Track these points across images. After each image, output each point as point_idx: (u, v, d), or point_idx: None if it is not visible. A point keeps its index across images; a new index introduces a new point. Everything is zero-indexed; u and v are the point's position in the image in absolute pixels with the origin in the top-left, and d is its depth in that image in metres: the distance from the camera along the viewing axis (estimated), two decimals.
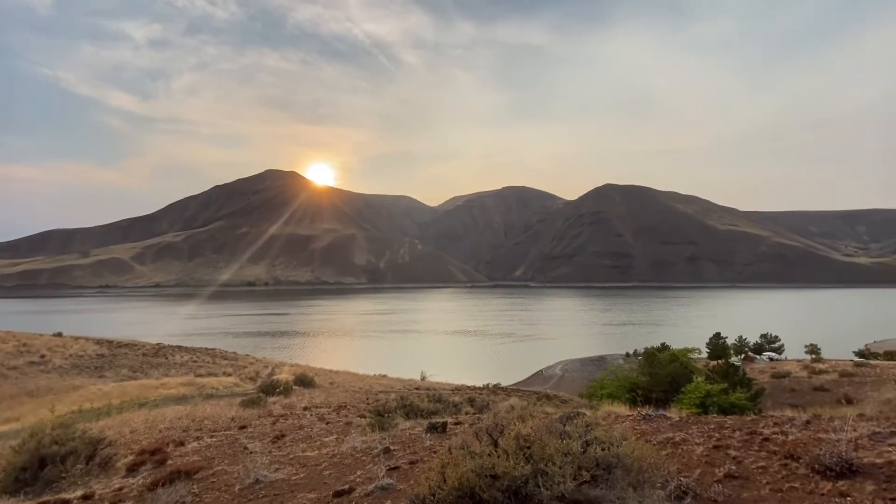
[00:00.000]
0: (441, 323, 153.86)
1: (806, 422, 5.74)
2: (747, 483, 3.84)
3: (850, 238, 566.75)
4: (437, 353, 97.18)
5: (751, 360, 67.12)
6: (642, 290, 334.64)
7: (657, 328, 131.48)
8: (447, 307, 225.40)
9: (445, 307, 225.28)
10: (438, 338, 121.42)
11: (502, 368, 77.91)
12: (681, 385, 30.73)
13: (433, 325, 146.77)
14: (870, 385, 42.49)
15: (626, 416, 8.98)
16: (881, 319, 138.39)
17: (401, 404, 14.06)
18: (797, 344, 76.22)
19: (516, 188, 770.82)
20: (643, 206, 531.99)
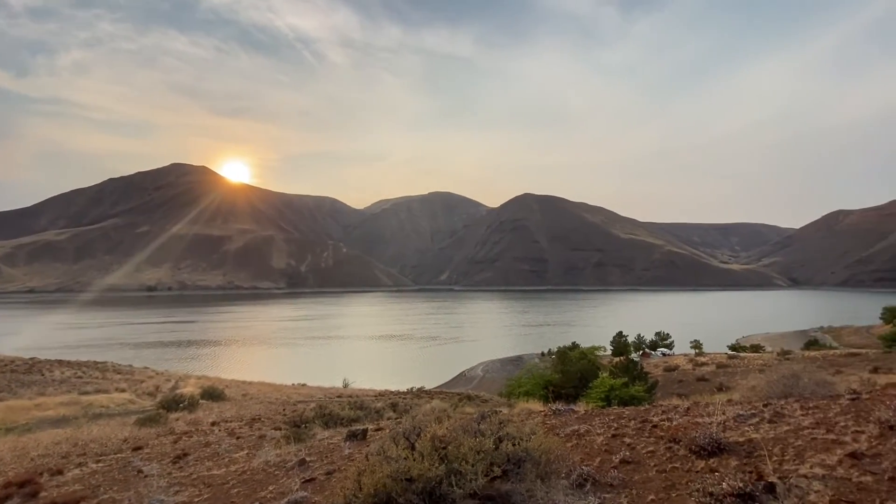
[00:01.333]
0: (366, 328, 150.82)
1: (687, 409, 6.53)
2: (638, 467, 4.27)
3: (725, 247, 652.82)
4: (361, 359, 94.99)
5: (647, 356, 74.21)
6: (556, 293, 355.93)
7: (569, 328, 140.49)
8: (372, 312, 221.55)
9: (370, 312, 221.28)
10: (363, 343, 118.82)
11: (427, 371, 78.19)
12: (589, 381, 33.09)
13: (357, 331, 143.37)
14: (740, 374, 49.05)
15: (539, 412, 9.50)
16: (749, 317, 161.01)
17: (319, 413, 13.54)
18: (684, 340, 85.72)
19: (443, 194, 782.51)
20: (557, 215, 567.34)
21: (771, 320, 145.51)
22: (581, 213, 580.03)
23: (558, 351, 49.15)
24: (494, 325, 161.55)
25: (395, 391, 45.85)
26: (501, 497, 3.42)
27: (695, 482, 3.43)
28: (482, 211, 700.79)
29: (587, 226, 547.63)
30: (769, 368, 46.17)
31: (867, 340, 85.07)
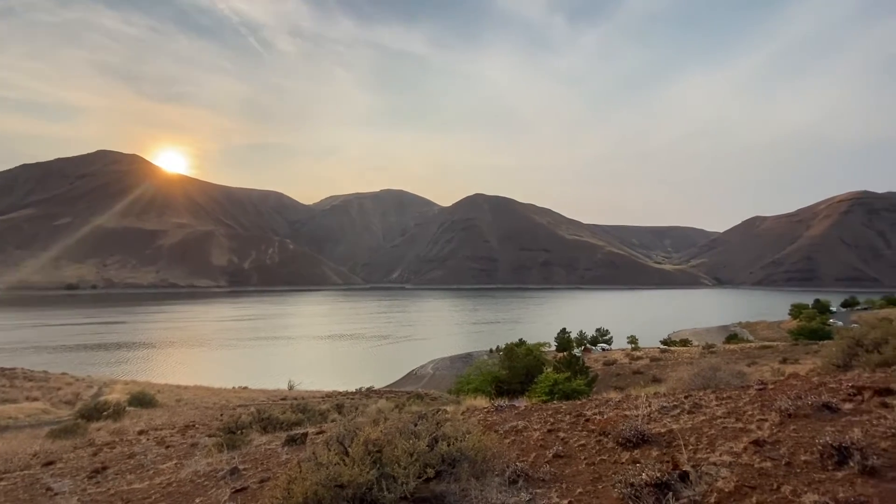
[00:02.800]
0: (314, 327, 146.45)
1: (618, 402, 6.89)
2: (570, 460, 4.43)
3: (659, 249, 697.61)
4: (309, 359, 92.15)
5: (589, 351, 77.81)
6: (505, 292, 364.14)
7: (517, 325, 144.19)
8: (321, 311, 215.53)
9: (319, 311, 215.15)
10: (311, 343, 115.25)
11: (377, 371, 77.30)
12: (535, 376, 34.14)
13: (305, 330, 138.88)
14: (670, 367, 52.71)
15: (483, 409, 9.63)
16: (679, 314, 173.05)
17: (257, 418, 12.94)
18: (622, 336, 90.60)
19: (395, 192, 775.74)
20: (507, 215, 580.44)
21: (698, 317, 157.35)
22: (530, 215, 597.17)
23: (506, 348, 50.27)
24: (445, 324, 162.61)
25: (344, 392, 44.92)
26: (435, 498, 3.40)
27: (619, 473, 3.59)
28: (434, 210, 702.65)
29: (535, 227, 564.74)
30: (695, 361, 49.79)
31: (778, 334, 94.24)
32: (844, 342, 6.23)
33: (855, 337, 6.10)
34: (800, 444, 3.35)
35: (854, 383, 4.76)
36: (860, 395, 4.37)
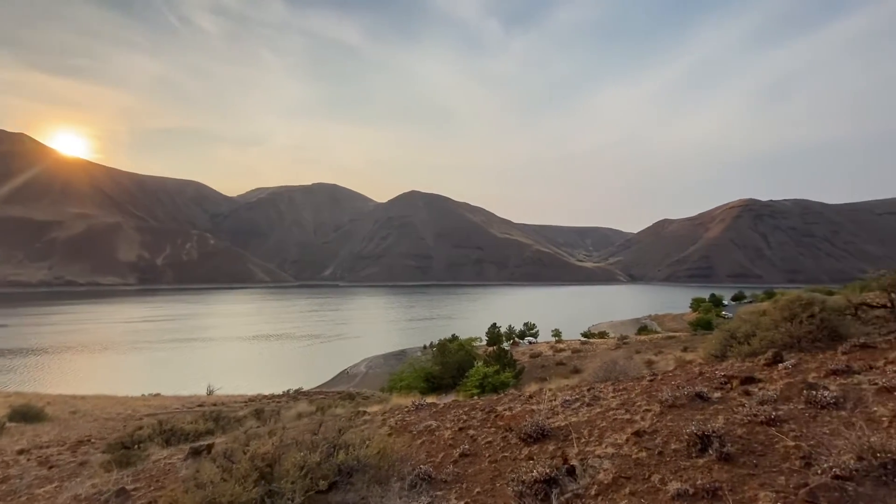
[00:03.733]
0: (238, 328, 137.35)
1: (529, 396, 7.17)
2: (475, 459, 4.50)
3: (582, 248, 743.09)
4: (232, 362, 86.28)
5: (517, 345, 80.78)
6: (439, 289, 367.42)
7: (451, 321, 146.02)
8: (246, 310, 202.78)
9: (244, 310, 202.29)
10: (234, 345, 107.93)
11: (308, 371, 74.49)
12: (466, 370, 34.73)
13: (228, 331, 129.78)
14: (589, 357, 56.22)
15: (404, 408, 9.56)
16: (598, 308, 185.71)
17: (159, 430, 11.82)
18: (547, 329, 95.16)
19: (328, 186, 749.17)
20: (442, 213, 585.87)
21: (614, 310, 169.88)
22: (464, 213, 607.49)
23: (439, 344, 50.62)
24: (380, 321, 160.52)
25: (270, 395, 42.67)
26: None
27: (517, 470, 3.69)
28: (370, 206, 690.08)
29: (469, 225, 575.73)
30: (609, 352, 53.42)
31: (681, 325, 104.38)
32: (721, 335, 6.97)
33: (730, 330, 6.86)
34: (672, 434, 3.66)
35: (726, 373, 5.34)
36: (729, 383, 4.90)
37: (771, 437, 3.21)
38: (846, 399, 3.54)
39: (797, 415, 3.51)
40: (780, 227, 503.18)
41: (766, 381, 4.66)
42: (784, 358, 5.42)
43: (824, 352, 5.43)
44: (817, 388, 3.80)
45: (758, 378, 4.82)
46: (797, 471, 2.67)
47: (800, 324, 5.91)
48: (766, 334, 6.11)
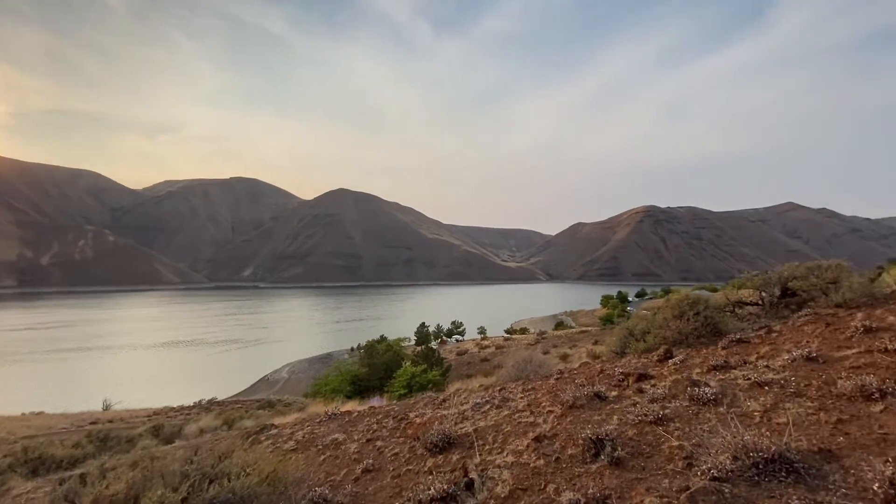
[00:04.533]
0: (143, 334, 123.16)
1: (442, 400, 6.98)
2: (378, 474, 4.16)
3: (506, 248, 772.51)
4: (136, 373, 77.10)
5: (444, 343, 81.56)
6: (369, 289, 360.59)
7: (380, 322, 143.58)
8: (151, 314, 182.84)
9: (150, 314, 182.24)
10: (138, 354, 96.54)
11: (224, 379, 69.00)
12: (394, 371, 34.15)
13: (130, 338, 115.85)
14: (511, 353, 58.36)
15: (316, 419, 8.92)
16: (520, 305, 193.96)
17: (24, 458, 9.97)
18: (474, 327, 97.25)
19: (248, 180, 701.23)
20: (372, 212, 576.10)
21: (535, 307, 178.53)
22: (394, 213, 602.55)
23: (366, 345, 49.55)
24: (305, 324, 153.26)
25: (179, 407, 38.78)
26: None
27: (419, 485, 3.41)
28: (294, 203, 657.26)
29: (399, 225, 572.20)
30: (530, 347, 55.73)
31: (593, 320, 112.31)
32: (621, 332, 7.33)
33: (628, 327, 7.22)
34: (570, 438, 3.62)
35: (624, 370, 5.54)
36: (626, 380, 5.07)
37: (658, 437, 3.26)
38: (724, 395, 3.74)
39: (682, 412, 3.63)
40: (675, 231, 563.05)
41: (657, 378, 4.87)
42: (674, 354, 5.75)
43: (707, 347, 5.85)
44: (699, 385, 4.00)
45: (651, 375, 5.04)
46: (680, 472, 2.70)
47: (687, 321, 6.36)
48: (658, 331, 6.49)
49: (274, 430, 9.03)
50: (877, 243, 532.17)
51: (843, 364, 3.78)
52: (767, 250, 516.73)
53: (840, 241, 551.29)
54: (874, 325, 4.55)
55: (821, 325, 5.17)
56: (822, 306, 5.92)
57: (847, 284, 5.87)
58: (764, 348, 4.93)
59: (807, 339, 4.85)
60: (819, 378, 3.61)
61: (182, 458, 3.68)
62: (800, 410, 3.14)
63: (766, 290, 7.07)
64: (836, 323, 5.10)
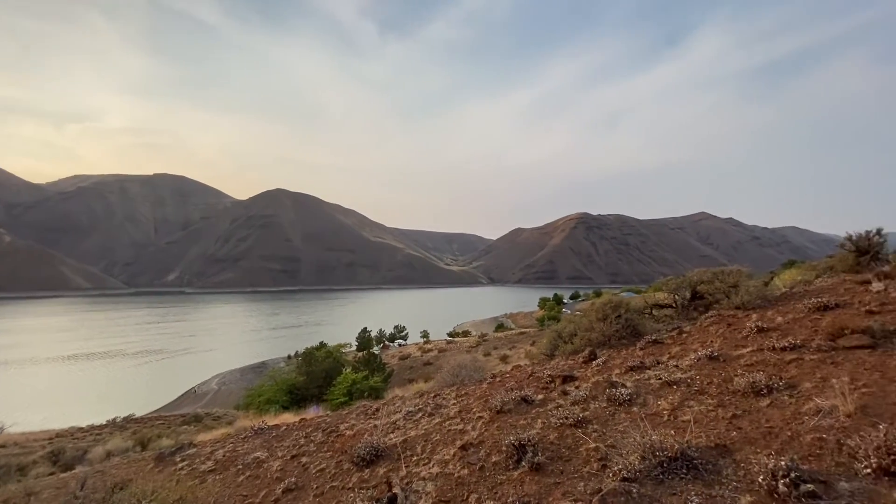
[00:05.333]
0: (47, 346, 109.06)
1: (375, 409, 6.78)
2: (301, 494, 3.91)
3: (449, 252, 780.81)
4: (37, 390, 68.09)
5: (387, 348, 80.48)
6: (309, 293, 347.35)
7: (320, 328, 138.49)
8: (59, 324, 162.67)
9: (56, 324, 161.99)
10: (41, 369, 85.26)
11: (145, 393, 63.12)
12: (334, 378, 33.01)
13: (31, 351, 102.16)
14: (452, 356, 58.91)
15: (241, 434, 8.33)
16: (463, 308, 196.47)
17: None
18: (417, 330, 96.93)
19: (174, 177, 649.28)
20: (312, 214, 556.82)
21: (477, 310, 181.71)
22: (336, 215, 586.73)
23: (304, 352, 47.71)
24: (237, 331, 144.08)
25: (88, 427, 34.75)
26: None
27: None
28: (226, 203, 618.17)
29: (341, 227, 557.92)
30: (471, 350, 56.12)
31: (531, 322, 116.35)
32: (551, 335, 7.57)
33: (557, 330, 7.48)
34: (495, 445, 3.63)
35: (552, 372, 5.71)
36: (553, 383, 5.22)
37: (577, 439, 3.36)
38: (638, 395, 3.95)
39: (600, 413, 3.78)
40: (605, 237, 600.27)
41: (581, 380, 5.06)
42: (598, 355, 6.03)
43: (627, 348, 6.20)
44: (616, 386, 4.20)
45: (576, 376, 5.22)
46: (595, 474, 2.78)
47: (610, 324, 6.71)
48: (585, 334, 6.79)
49: (192, 449, 8.32)
50: (773, 250, 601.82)
51: (740, 362, 4.14)
52: (684, 255, 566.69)
53: (743, 247, 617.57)
54: (765, 325, 5.06)
55: (723, 326, 5.66)
56: (725, 308, 6.50)
57: (745, 288, 6.52)
58: (675, 348, 5.29)
59: (711, 339, 5.28)
60: (719, 376, 3.92)
61: (67, 491, 3.21)
62: (701, 408, 3.37)
63: (678, 293, 7.67)
64: (736, 323, 5.61)
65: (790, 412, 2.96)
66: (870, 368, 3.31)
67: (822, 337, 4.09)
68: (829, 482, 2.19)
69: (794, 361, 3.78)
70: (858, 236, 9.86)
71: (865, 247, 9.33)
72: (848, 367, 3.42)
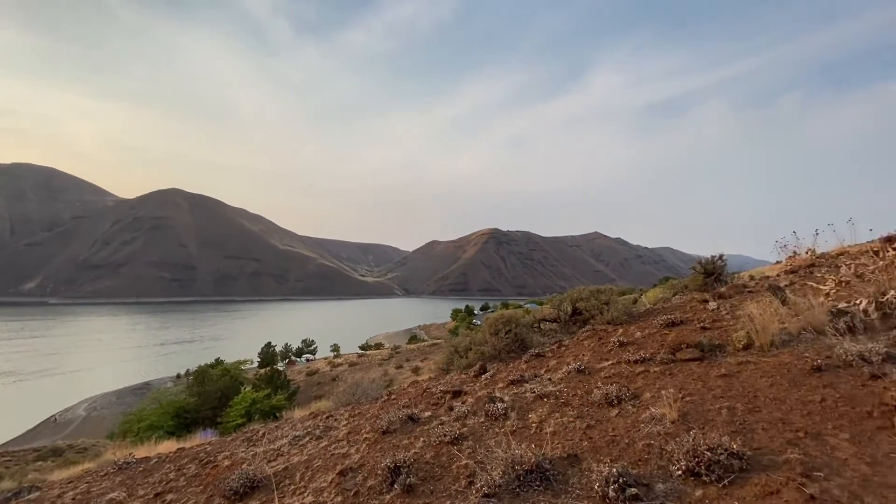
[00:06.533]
0: None
1: (262, 434, 6.32)
2: None
3: (364, 263, 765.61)
4: None
5: (293, 363, 75.92)
6: (205, 305, 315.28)
7: (217, 343, 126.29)
8: None
9: None
10: None
11: None
12: (231, 398, 30.13)
13: None
14: (365, 369, 57.32)
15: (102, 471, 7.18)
16: (377, 320, 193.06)
17: None
18: (327, 344, 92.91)
19: (39, 168, 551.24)
20: (212, 218, 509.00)
21: (391, 322, 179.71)
22: (240, 220, 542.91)
23: (197, 370, 43.21)
24: (115, 348, 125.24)
25: None
26: None
27: None
28: (108, 201, 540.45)
29: (245, 234, 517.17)
30: (385, 362, 55.30)
31: (443, 333, 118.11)
32: (447, 349, 7.75)
33: (454, 345, 7.69)
34: (374, 469, 3.58)
35: (445, 388, 5.83)
36: (443, 398, 5.32)
37: (452, 457, 3.45)
38: (513, 409, 4.19)
39: (477, 429, 3.93)
40: (513, 252, 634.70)
41: (469, 395, 5.23)
42: (488, 369, 6.29)
43: (515, 361, 6.56)
44: (495, 401, 4.42)
45: (465, 391, 5.39)
46: (461, 492, 2.87)
47: (501, 338, 7.07)
48: (479, 348, 7.06)
49: (35, 493, 7.00)
50: (652, 267, 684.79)
51: (601, 374, 4.61)
52: (580, 270, 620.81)
53: (629, 264, 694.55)
54: (626, 339, 5.71)
55: (595, 340, 6.28)
56: (598, 323, 7.21)
57: (615, 305, 7.33)
58: (553, 362, 5.73)
59: (583, 352, 5.81)
60: (583, 388, 4.31)
61: None
62: (564, 419, 3.68)
63: (561, 308, 8.36)
64: (605, 337, 6.26)
65: (631, 421, 3.35)
66: (696, 379, 3.89)
67: (665, 350, 4.73)
68: (650, 485, 2.51)
69: (642, 373, 4.31)
70: (706, 260, 11.68)
71: (711, 269, 11.05)
72: (680, 378, 3.98)
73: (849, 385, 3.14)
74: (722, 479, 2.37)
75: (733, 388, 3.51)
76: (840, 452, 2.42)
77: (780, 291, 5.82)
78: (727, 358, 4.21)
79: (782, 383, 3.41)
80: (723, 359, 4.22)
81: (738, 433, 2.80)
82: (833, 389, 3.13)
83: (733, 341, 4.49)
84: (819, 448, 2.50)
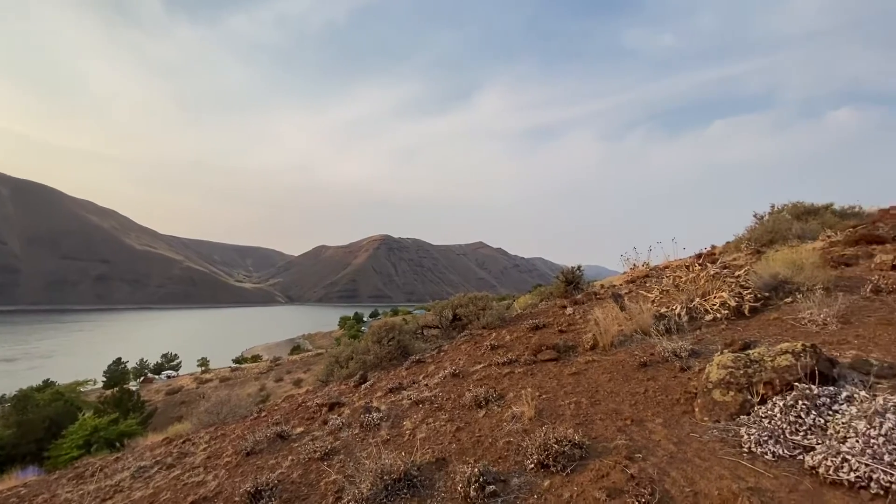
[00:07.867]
0: None
1: (100, 468, 5.22)
2: None
3: (242, 268, 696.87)
4: None
5: (150, 382, 65.35)
6: (31, 316, 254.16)
7: (48, 361, 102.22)
8: None
9: None
10: None
11: None
12: (64, 427, 24.66)
13: None
14: (239, 384, 51.76)
15: None
16: (254, 330, 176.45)
17: None
18: (194, 358, 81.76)
19: None
20: (44, 209, 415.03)
21: (271, 332, 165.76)
22: (84, 214, 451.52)
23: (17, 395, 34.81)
24: None
25: None
26: None
27: None
28: None
29: (91, 230, 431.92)
30: (262, 376, 50.67)
31: (330, 342, 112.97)
32: (327, 359, 7.41)
33: (335, 355, 7.38)
34: (231, 495, 3.22)
35: (322, 400, 5.53)
36: (319, 412, 5.05)
37: (321, 473, 3.27)
38: (389, 417, 4.16)
39: (350, 441, 3.81)
40: (404, 259, 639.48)
41: (347, 406, 5.04)
42: (368, 378, 6.15)
43: (396, 369, 6.54)
44: (371, 411, 4.33)
45: (343, 402, 5.19)
46: None
47: (383, 346, 7.00)
48: (361, 357, 6.88)
49: None
50: (528, 275, 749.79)
51: (473, 377, 4.84)
52: (466, 277, 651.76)
53: (508, 272, 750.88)
54: (498, 343, 6.11)
55: (471, 345, 6.58)
56: (476, 328, 7.59)
57: (490, 311, 7.83)
58: (431, 367, 5.85)
59: (460, 356, 6.05)
60: (456, 392, 4.48)
61: None
62: (436, 424, 3.76)
63: (443, 315, 8.63)
64: (480, 341, 6.61)
65: (495, 420, 3.57)
66: (552, 378, 4.31)
67: (529, 352, 5.16)
68: (507, 480, 2.68)
69: (508, 374, 4.64)
70: (567, 270, 13.19)
71: (571, 278, 12.48)
72: (539, 378, 4.38)
73: (665, 377, 3.79)
74: (566, 468, 2.65)
75: (581, 384, 3.98)
76: (655, 435, 2.89)
77: (620, 298, 6.82)
78: (578, 357, 4.77)
79: (618, 378, 3.97)
80: (574, 358, 4.77)
81: (581, 425, 3.18)
82: (654, 381, 3.74)
83: (583, 342, 5.11)
84: (641, 433, 2.96)
